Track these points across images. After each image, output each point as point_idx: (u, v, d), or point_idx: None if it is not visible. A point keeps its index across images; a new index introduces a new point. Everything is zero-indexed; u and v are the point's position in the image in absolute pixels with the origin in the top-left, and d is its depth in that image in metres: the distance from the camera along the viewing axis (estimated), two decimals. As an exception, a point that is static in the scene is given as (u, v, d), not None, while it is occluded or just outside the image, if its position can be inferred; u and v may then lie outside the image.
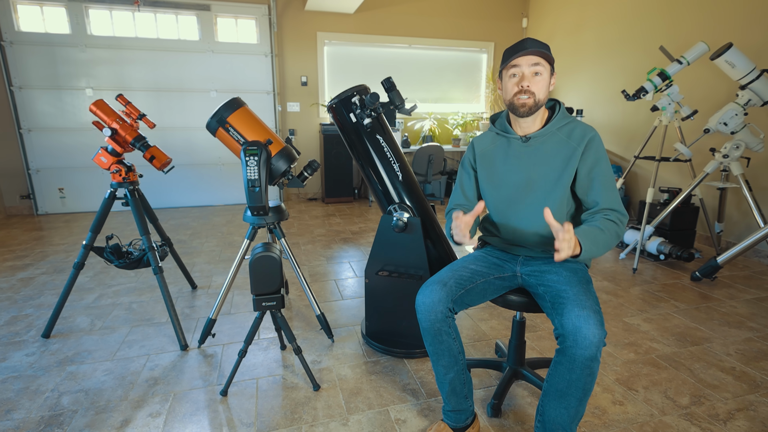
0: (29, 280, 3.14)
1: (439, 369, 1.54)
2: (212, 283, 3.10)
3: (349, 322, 2.53)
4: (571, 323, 1.27)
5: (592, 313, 1.28)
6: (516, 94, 1.49)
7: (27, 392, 1.88)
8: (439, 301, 1.45)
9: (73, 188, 5.38)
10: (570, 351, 1.26)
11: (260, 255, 1.71)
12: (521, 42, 1.47)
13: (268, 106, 5.81)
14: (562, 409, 1.34)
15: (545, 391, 1.37)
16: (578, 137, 1.52)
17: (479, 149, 1.70)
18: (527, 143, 1.57)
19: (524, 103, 1.49)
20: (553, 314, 1.39)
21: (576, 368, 1.27)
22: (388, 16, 6.02)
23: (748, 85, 3.02)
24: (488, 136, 1.71)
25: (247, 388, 1.90)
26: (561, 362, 1.30)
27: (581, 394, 1.30)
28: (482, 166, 1.68)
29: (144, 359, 2.13)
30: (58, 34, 4.99)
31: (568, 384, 1.30)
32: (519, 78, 1.48)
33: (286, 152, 2.09)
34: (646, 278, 3.19)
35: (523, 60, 1.46)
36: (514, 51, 1.47)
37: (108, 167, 2.30)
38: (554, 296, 1.41)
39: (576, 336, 1.25)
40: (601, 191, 1.49)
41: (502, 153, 1.63)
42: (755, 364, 2.08)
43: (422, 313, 1.47)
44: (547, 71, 1.48)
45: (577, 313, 1.28)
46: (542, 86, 1.48)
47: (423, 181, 5.27)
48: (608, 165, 1.52)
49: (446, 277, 1.52)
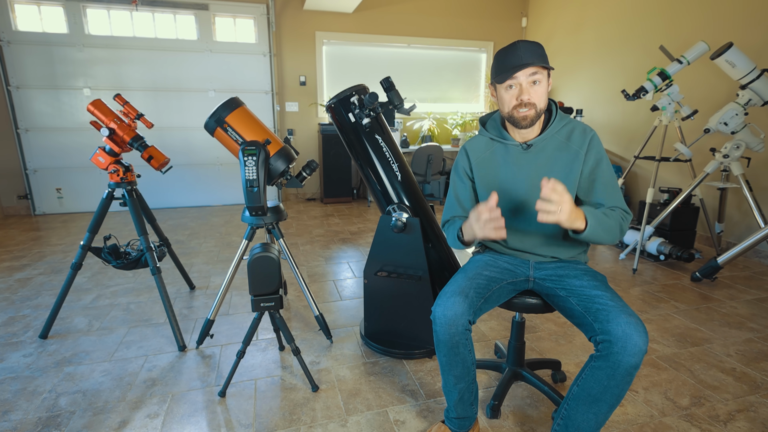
0: (27, 281, 3.13)
1: (449, 378, 1.49)
2: (210, 283, 3.09)
3: (348, 322, 2.52)
4: (621, 330, 1.24)
5: (639, 321, 1.26)
6: (516, 107, 1.42)
7: (24, 393, 1.87)
8: (462, 314, 1.37)
9: (70, 188, 5.36)
10: (615, 357, 1.23)
11: (259, 255, 1.70)
12: (514, 50, 1.38)
13: (266, 105, 5.80)
14: (592, 414, 1.31)
15: (575, 395, 1.33)
16: (578, 139, 1.48)
17: (475, 157, 1.62)
18: (528, 150, 1.51)
19: (525, 116, 1.42)
20: (586, 319, 1.34)
21: (618, 375, 1.24)
22: (387, 16, 6.01)
23: (748, 85, 3.01)
24: (481, 141, 1.62)
25: (246, 389, 1.89)
26: (601, 368, 1.27)
27: (614, 401, 1.28)
28: (480, 175, 1.61)
29: (142, 360, 2.12)
30: (55, 34, 4.97)
31: (603, 390, 1.27)
32: (518, 90, 1.41)
33: (284, 152, 2.09)
34: (646, 279, 3.19)
35: (520, 73, 1.38)
36: (508, 65, 1.38)
37: (106, 167, 2.29)
38: (586, 301, 1.38)
39: (626, 343, 1.22)
40: (603, 192, 1.47)
41: (500, 160, 1.56)
42: (756, 365, 2.08)
43: (441, 326, 1.39)
44: (545, 77, 1.42)
45: (626, 320, 1.25)
46: (542, 94, 1.42)
47: (422, 181, 5.26)
48: (609, 164, 1.49)
49: (466, 287, 1.44)
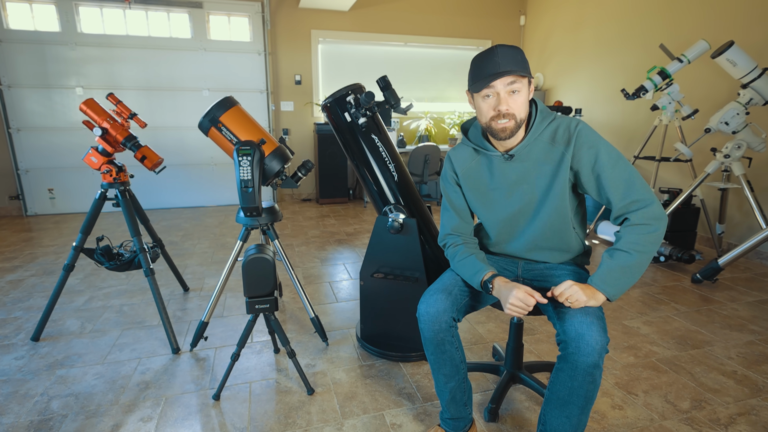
0: (18, 283, 3.10)
1: (439, 378, 1.50)
2: (204, 285, 3.08)
3: (344, 325, 2.51)
4: (574, 329, 1.24)
5: (596, 319, 1.25)
6: (493, 118, 1.32)
7: (16, 396, 1.85)
8: (444, 311, 1.40)
9: (63, 189, 5.32)
10: (572, 357, 1.23)
11: (253, 257, 1.69)
12: (491, 56, 1.28)
13: (261, 105, 5.77)
14: (564, 418, 1.31)
15: (547, 399, 1.34)
16: (563, 138, 1.35)
17: (460, 168, 1.54)
18: (511, 160, 1.42)
19: (504, 128, 1.32)
20: (555, 319, 1.35)
21: (578, 375, 1.24)
22: (384, 14, 5.99)
23: (749, 84, 3.00)
24: (465, 150, 1.54)
25: (240, 392, 1.88)
26: (563, 369, 1.27)
27: (583, 403, 1.27)
28: (468, 188, 1.54)
29: (135, 363, 2.11)
30: (47, 32, 4.93)
31: (569, 392, 1.27)
32: (495, 100, 1.30)
33: (279, 152, 2.08)
34: (645, 280, 3.18)
35: (497, 82, 1.28)
36: (485, 71, 1.29)
37: (98, 167, 2.28)
38: (556, 301, 1.37)
39: (578, 342, 1.22)
40: (611, 186, 1.31)
41: (486, 171, 1.48)
42: (757, 368, 2.07)
43: (425, 323, 1.42)
44: (524, 85, 1.31)
45: (580, 319, 1.25)
46: (521, 103, 1.31)
47: (419, 181, 5.25)
48: (610, 153, 1.32)
49: (450, 285, 1.47)
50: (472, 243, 1.56)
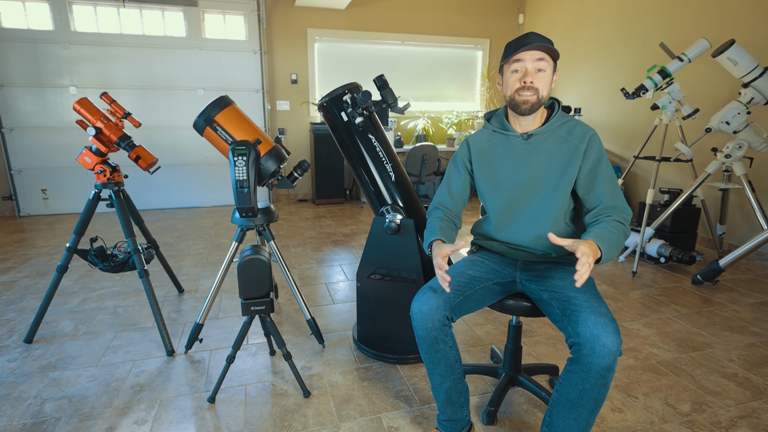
0: (11, 284, 3.08)
1: (434, 378, 1.50)
2: (199, 286, 3.06)
3: (341, 326, 2.49)
4: (588, 331, 1.23)
5: (609, 321, 1.25)
6: (518, 90, 1.45)
7: (9, 399, 1.85)
8: (436, 309, 1.41)
9: (56, 189, 5.28)
10: (586, 360, 1.22)
11: (249, 258, 1.69)
12: (525, 36, 1.42)
13: (256, 104, 5.74)
14: (572, 420, 1.30)
15: (554, 401, 1.33)
16: (579, 135, 1.49)
17: (475, 148, 1.64)
18: (528, 141, 1.53)
19: (527, 100, 1.44)
20: (564, 321, 1.34)
21: (591, 378, 1.23)
22: (381, 12, 5.97)
23: (751, 83, 2.99)
24: (483, 134, 1.65)
25: (236, 395, 1.87)
26: (575, 371, 1.26)
27: (593, 406, 1.27)
28: (480, 166, 1.62)
29: (129, 365, 2.10)
30: (40, 31, 4.89)
31: (580, 394, 1.26)
32: (522, 74, 1.44)
33: (275, 152, 2.07)
34: (646, 282, 3.17)
35: (526, 55, 1.41)
36: (517, 45, 1.43)
37: (92, 167, 2.27)
38: (564, 302, 1.37)
39: (594, 344, 1.21)
40: (604, 189, 1.47)
41: (500, 151, 1.58)
42: (758, 371, 2.06)
43: (418, 321, 1.43)
44: (550, 67, 1.44)
45: (594, 320, 1.24)
46: (545, 82, 1.44)
47: (416, 181, 5.23)
48: (609, 164, 1.50)
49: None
50: (448, 218, 1.66)
